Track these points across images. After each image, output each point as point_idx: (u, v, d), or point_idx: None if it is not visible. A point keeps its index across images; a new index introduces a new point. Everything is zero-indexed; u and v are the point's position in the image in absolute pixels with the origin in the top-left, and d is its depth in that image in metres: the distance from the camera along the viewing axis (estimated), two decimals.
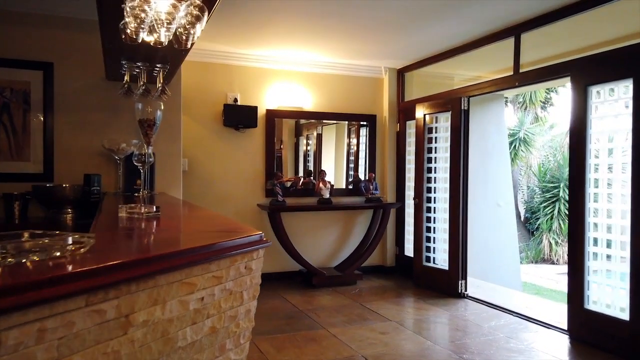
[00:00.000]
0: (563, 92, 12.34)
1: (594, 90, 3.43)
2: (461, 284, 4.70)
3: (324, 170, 5.42)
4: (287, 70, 5.42)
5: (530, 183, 12.06)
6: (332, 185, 5.38)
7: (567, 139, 11.44)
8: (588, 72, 3.45)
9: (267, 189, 5.25)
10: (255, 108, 5.18)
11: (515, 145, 11.00)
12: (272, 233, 5.10)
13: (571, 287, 3.54)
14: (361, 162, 6.03)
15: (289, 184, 5.29)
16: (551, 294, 8.12)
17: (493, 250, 6.89)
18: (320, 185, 5.31)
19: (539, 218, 11.16)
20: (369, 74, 5.78)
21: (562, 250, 10.68)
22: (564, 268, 10.24)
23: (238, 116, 5.12)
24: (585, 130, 3.44)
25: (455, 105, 4.69)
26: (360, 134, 6.03)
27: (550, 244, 10.78)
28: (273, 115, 5.36)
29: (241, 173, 5.27)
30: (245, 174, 5.29)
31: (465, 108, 4.67)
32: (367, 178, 5.70)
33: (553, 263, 10.80)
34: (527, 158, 11.58)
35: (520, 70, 4.07)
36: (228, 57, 5.15)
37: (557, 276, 9.48)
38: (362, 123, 5.86)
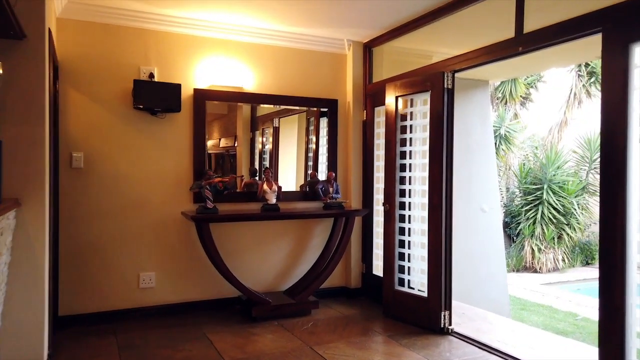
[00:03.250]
0: (542, 88, 11.56)
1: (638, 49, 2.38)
2: (444, 316, 3.60)
3: (269, 169, 4.24)
4: (223, 40, 4.21)
5: (509, 184, 11.19)
6: (279, 188, 4.20)
7: (551, 137, 10.63)
8: (631, 24, 2.39)
9: (194, 192, 4.03)
10: (178, 87, 3.96)
11: (495, 143, 10.10)
12: (203, 250, 3.89)
13: (606, 323, 2.48)
14: (321, 158, 4.88)
15: (225, 185, 4.06)
16: (539, 310, 7.18)
17: (477, 262, 5.85)
18: (265, 187, 4.12)
19: (520, 223, 10.28)
20: (328, 48, 4.64)
21: (546, 257, 9.83)
22: (549, 277, 9.37)
23: (154, 96, 3.88)
24: (626, 106, 2.38)
25: (437, 83, 3.60)
26: (321, 124, 4.88)
27: (533, 250, 9.90)
28: (203, 97, 4.14)
29: (160, 172, 4.03)
30: (165, 173, 4.05)
31: (450, 86, 3.58)
32: (326, 178, 4.55)
33: (536, 271, 9.93)
34: (507, 157, 10.70)
35: (525, 31, 2.99)
36: (142, 19, 3.91)
37: (542, 287, 8.58)
38: (322, 110, 4.71)
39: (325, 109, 4.68)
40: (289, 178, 4.92)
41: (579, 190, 9.86)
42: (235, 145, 4.71)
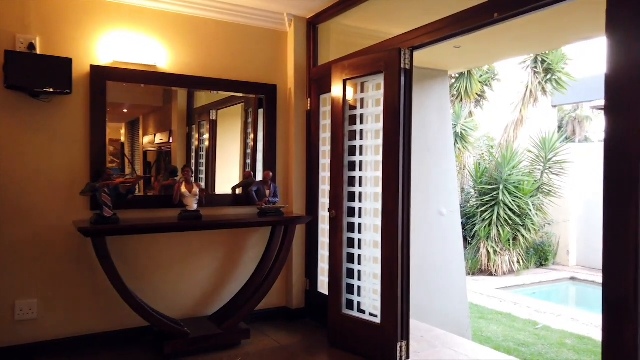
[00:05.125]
0: (497, 86, 11.34)
1: None
2: (400, 347, 2.94)
3: (189, 167, 3.43)
4: (131, 5, 3.37)
5: (464, 184, 10.86)
6: (202, 190, 3.41)
7: (506, 136, 10.36)
8: None
9: (91, 197, 3.17)
10: (68, 62, 3.08)
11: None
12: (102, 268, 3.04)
13: (609, 340, 1.89)
14: (260, 156, 4.13)
15: (129, 188, 3.21)
16: (498, 318, 6.76)
17: (436, 272, 5.30)
18: (183, 190, 3.31)
19: (475, 224, 9.94)
20: (265, 24, 3.89)
21: (501, 260, 9.52)
22: (505, 281, 9.05)
23: (34, 73, 2.98)
24: None
25: (392, 63, 2.94)
26: (259, 116, 4.13)
27: (489, 253, 9.57)
28: (103, 76, 3.27)
29: (46, 171, 3.14)
30: (53, 173, 3.17)
31: (407, 66, 2.93)
32: (262, 179, 3.80)
33: (491, 274, 9.60)
34: (462, 156, 10.35)
35: None
36: None
37: (498, 293, 8.22)
38: (260, 98, 3.96)
39: (262, 96, 3.94)
40: (230, 179, 4.15)
41: (534, 191, 9.64)
42: (170, 141, 3.93)
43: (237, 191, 3.97)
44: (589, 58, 12.60)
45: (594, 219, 9.91)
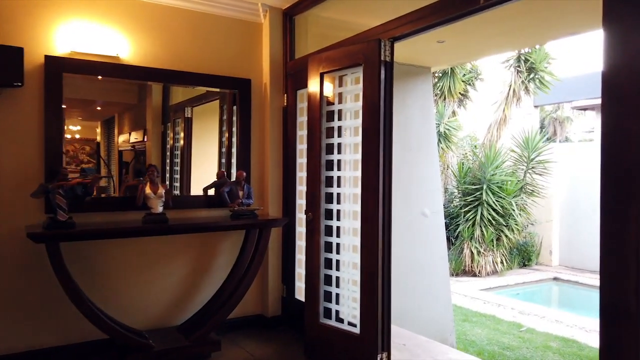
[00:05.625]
0: (480, 86, 11.28)
1: None
2: (381, 359, 2.75)
3: (154, 166, 3.19)
4: None
5: (448, 184, 10.76)
6: (168, 192, 3.16)
7: (490, 135, 10.28)
8: None
9: (46, 199, 2.90)
10: (19, 51, 2.82)
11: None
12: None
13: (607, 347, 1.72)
14: (235, 154, 3.91)
15: (86, 189, 2.94)
16: (482, 321, 6.63)
17: (418, 275, 5.14)
18: (147, 191, 3.06)
19: (459, 224, 9.84)
20: (239, 14, 3.66)
21: (485, 261, 9.43)
22: (488, 282, 8.96)
23: None
24: None
25: (371, 55, 2.74)
26: (234, 112, 3.91)
27: (472, 253, 9.47)
28: (59, 67, 3.01)
29: None
30: (3, 174, 2.89)
31: (388, 59, 2.74)
32: (234, 179, 3.58)
33: (475, 275, 9.51)
34: (445, 156, 10.24)
35: None
36: None
37: (482, 294, 8.10)
38: (235, 92, 3.73)
39: (236, 91, 3.71)
40: (207, 179, 3.92)
41: (517, 191, 9.58)
42: (145, 140, 3.69)
43: (210, 192, 3.74)
44: (570, 58, 12.65)
45: (576, 218, 9.90)
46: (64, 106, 3.04)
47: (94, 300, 2.94)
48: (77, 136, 3.38)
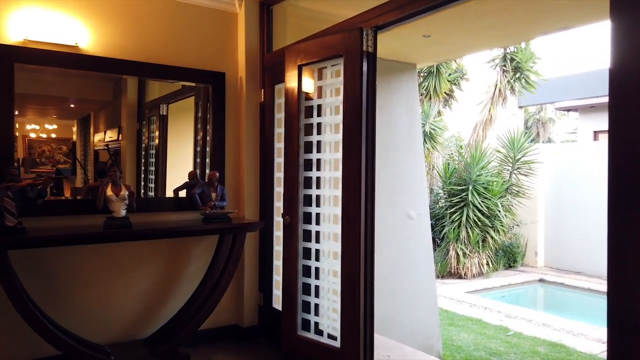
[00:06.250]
0: (466, 86, 11.19)
1: None
2: None
3: (116, 166, 2.92)
4: None
5: (433, 185, 10.62)
6: (132, 194, 2.89)
7: (475, 135, 10.17)
8: None
9: None
10: None
11: None
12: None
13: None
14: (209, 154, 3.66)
15: (39, 191, 2.67)
16: (468, 325, 6.47)
17: (403, 279, 4.95)
18: (108, 193, 2.80)
19: (444, 226, 9.70)
20: (213, 3, 3.41)
21: (471, 262, 9.31)
22: (474, 284, 8.84)
23: None
24: None
25: (352, 45, 2.52)
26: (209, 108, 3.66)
27: (458, 255, 9.34)
28: (10, 57, 2.72)
29: None
30: None
31: (371, 49, 2.52)
32: (207, 180, 3.32)
33: (461, 277, 9.38)
34: (431, 156, 10.10)
35: None
36: None
37: (468, 297, 7.97)
38: (209, 87, 3.48)
39: (210, 86, 3.46)
40: (182, 180, 3.67)
41: (503, 192, 9.48)
42: (120, 139, 3.45)
43: (182, 194, 3.49)
44: (553, 59, 12.66)
45: (561, 219, 9.85)
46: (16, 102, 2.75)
47: (50, 314, 2.68)
48: (54, 135, 3.20)
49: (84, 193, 3.21)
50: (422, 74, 9.65)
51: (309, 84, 2.87)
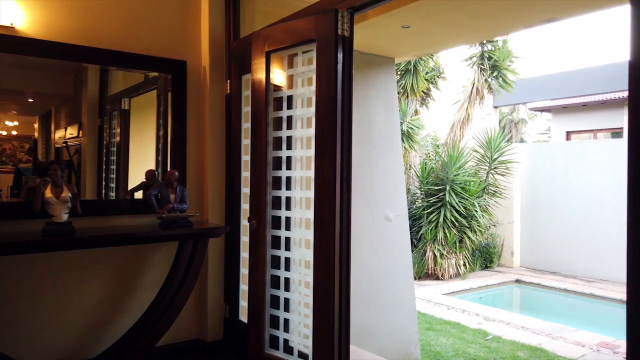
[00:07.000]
0: (443, 85, 11.09)
1: None
2: None
3: (57, 163, 2.57)
4: None
5: (410, 185, 10.46)
6: (75, 195, 2.54)
7: (453, 134, 10.05)
8: None
9: None
10: None
11: None
12: None
13: None
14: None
15: None
16: (446, 329, 6.30)
17: (380, 284, 4.71)
18: (47, 195, 2.44)
19: (422, 226, 9.55)
20: None
21: (448, 264, 9.18)
22: (451, 286, 8.71)
23: None
24: None
25: (326, 29, 2.24)
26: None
27: (435, 256, 9.20)
28: None
29: None
30: None
31: (346, 33, 2.24)
32: (164, 180, 2.99)
33: (438, 278, 9.24)
34: (408, 156, 9.93)
35: None
36: None
37: (445, 299, 7.82)
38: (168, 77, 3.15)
39: (169, 76, 3.12)
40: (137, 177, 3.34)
41: (480, 192, 9.39)
42: (80, 135, 3.10)
43: (137, 195, 3.15)
44: (527, 59, 12.73)
45: (537, 220, 9.83)
46: None
47: None
48: (14, 133, 2.94)
49: (23, 194, 2.83)
50: (399, 72, 9.47)
51: (278, 73, 2.58)
